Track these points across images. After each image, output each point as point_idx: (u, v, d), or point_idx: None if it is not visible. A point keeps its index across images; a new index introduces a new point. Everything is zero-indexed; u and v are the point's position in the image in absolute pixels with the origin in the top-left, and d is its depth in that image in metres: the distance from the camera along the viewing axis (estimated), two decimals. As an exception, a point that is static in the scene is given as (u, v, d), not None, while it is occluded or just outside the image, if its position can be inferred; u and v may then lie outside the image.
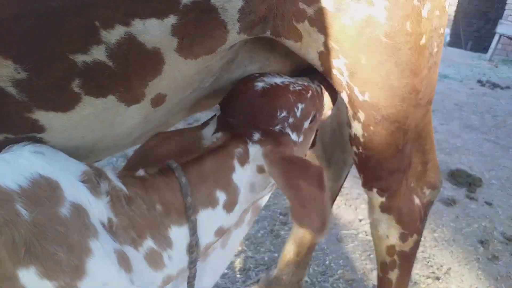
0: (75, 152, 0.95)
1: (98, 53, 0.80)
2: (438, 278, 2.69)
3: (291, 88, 1.05)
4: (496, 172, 4.48)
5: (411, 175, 1.33)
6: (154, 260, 0.83)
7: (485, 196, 3.88)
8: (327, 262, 2.77)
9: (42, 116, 0.82)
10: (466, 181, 4.13)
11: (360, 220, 3.28)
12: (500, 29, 12.24)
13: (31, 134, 0.84)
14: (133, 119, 0.96)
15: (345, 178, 2.02)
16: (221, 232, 0.96)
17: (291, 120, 1.01)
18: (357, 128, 1.19)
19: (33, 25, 0.72)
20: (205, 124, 1.07)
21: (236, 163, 0.94)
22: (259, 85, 1.02)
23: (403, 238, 1.38)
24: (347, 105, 1.18)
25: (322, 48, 1.05)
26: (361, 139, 1.19)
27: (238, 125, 0.97)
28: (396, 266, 1.44)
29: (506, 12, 13.34)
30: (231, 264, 2.66)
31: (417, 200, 1.37)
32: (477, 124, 6.37)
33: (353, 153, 1.27)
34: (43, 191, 0.64)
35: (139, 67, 0.87)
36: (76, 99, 0.83)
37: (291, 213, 0.90)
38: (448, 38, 11.01)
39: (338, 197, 3.58)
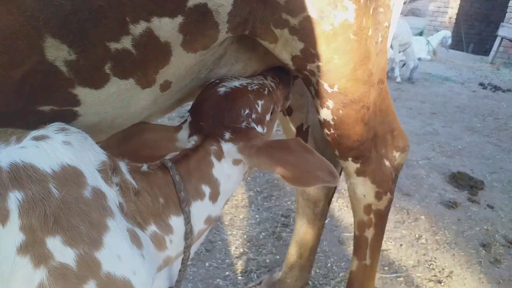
0: (97, 125, 1.13)
1: (126, 42, 0.98)
2: (440, 282, 2.69)
3: (249, 88, 1.19)
4: (498, 175, 4.47)
5: (380, 143, 1.55)
6: (158, 241, 0.95)
7: (487, 199, 3.87)
8: (329, 264, 2.77)
9: (81, 92, 1.00)
10: (468, 184, 4.13)
11: (362, 223, 3.27)
12: (502, 32, 12.25)
13: (70, 107, 1.02)
14: (145, 100, 1.15)
15: (340, 174, 2.02)
16: (210, 220, 1.09)
17: (254, 116, 1.15)
18: (326, 114, 1.35)
19: (86, 18, 0.90)
20: (179, 127, 1.19)
21: (214, 159, 1.08)
22: (221, 90, 1.16)
23: (378, 196, 1.57)
24: (314, 97, 1.34)
25: (297, 53, 1.21)
26: (331, 122, 1.36)
27: (210, 128, 1.10)
28: (372, 224, 1.61)
29: (508, 15, 13.32)
30: (233, 266, 2.66)
31: (387, 163, 1.59)
32: (478, 126, 6.36)
33: (325, 135, 1.44)
34: (70, 176, 0.75)
35: (153, 57, 1.05)
36: (106, 79, 1.01)
37: (299, 183, 1.03)
38: (449, 41, 10.98)
39: (339, 200, 3.59)
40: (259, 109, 1.17)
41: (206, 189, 1.06)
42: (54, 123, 0.87)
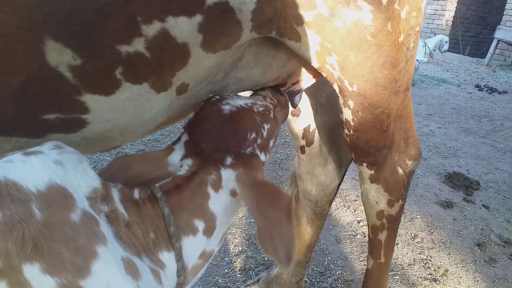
0: (108, 133, 1.05)
1: (138, 45, 0.91)
2: (435, 280, 2.72)
3: (255, 110, 1.08)
4: (494, 176, 4.52)
5: (394, 150, 1.55)
6: (156, 275, 0.88)
7: (482, 199, 3.92)
8: (326, 263, 2.80)
9: (89, 99, 0.94)
10: (463, 184, 4.17)
11: (359, 222, 3.31)
12: (498, 34, 12.33)
13: (78, 115, 0.96)
14: (159, 105, 1.08)
15: (343, 178, 2.04)
16: (205, 256, 0.99)
17: (259, 141, 1.04)
18: (347, 114, 1.36)
19: (89, 18, 0.82)
20: (170, 149, 1.06)
21: (210, 190, 0.96)
22: (226, 108, 1.03)
23: (390, 204, 1.59)
24: (339, 95, 1.34)
25: (317, 48, 1.19)
26: (352, 123, 1.37)
27: (210, 150, 0.98)
28: (385, 228, 1.66)
29: (504, 18, 13.42)
30: (231, 264, 2.69)
31: (400, 171, 1.59)
32: (474, 128, 6.42)
33: (345, 135, 1.45)
34: (57, 197, 0.69)
35: (170, 59, 0.98)
36: (117, 84, 0.95)
37: (258, 238, 0.89)
38: (446, 45, 11.03)
39: (337, 199, 3.63)
40: (265, 133, 1.06)
41: (200, 224, 0.95)
42: (52, 141, 0.82)
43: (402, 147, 1.58)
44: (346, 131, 1.42)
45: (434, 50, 10.95)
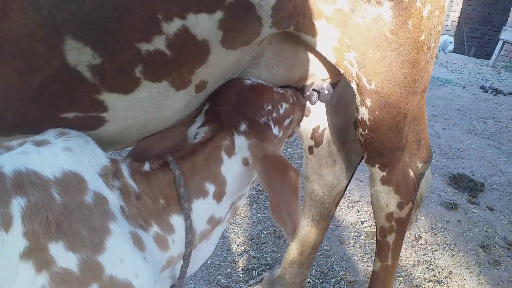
0: (126, 131, 1.06)
1: (159, 43, 0.90)
2: (439, 282, 2.71)
3: (275, 90, 1.16)
4: (498, 178, 4.49)
5: (406, 152, 1.53)
6: (161, 242, 0.95)
7: (487, 201, 3.90)
8: (329, 263, 2.79)
9: (108, 97, 0.94)
10: (468, 186, 4.15)
11: (362, 223, 3.30)
12: (504, 35, 12.25)
13: (96, 113, 0.96)
14: (178, 103, 1.07)
15: (350, 179, 2.03)
16: (213, 221, 1.05)
17: (275, 114, 1.10)
18: (364, 113, 1.34)
19: (110, 17, 0.83)
20: (191, 122, 1.14)
21: (224, 155, 1.02)
22: (248, 81, 1.12)
23: (400, 206, 1.58)
24: (356, 93, 1.32)
25: (336, 43, 1.18)
26: (367, 122, 1.35)
27: (227, 114, 1.04)
28: (394, 230, 1.65)
29: (510, 19, 13.33)
30: (234, 264, 2.68)
31: (411, 173, 1.57)
32: (479, 129, 6.38)
33: (359, 134, 1.43)
34: (72, 182, 0.76)
35: (190, 56, 0.98)
36: (137, 83, 0.94)
37: (270, 208, 0.96)
38: (451, 46, 10.98)
39: (345, 204, 3.62)
40: (281, 110, 1.13)
41: (211, 187, 1.02)
42: (53, 129, 0.87)
43: (414, 149, 1.57)
44: (361, 130, 1.41)
45: (440, 51, 10.90)
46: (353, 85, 1.30)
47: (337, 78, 1.45)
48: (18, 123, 0.93)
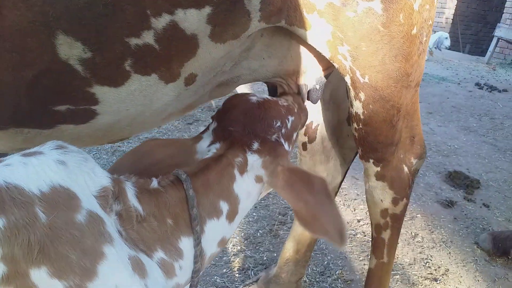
0: (117, 124, 1.08)
1: (148, 37, 0.93)
2: (436, 279, 2.70)
3: (280, 103, 1.14)
4: (494, 174, 4.50)
5: (400, 147, 1.54)
6: (166, 269, 0.86)
7: (483, 198, 3.90)
8: (326, 262, 2.78)
9: (99, 90, 0.96)
10: (464, 183, 4.15)
11: (359, 221, 3.29)
12: (498, 32, 12.29)
13: (88, 106, 0.98)
14: (168, 96, 1.10)
15: (344, 176, 2.02)
16: (223, 243, 0.99)
17: (284, 130, 1.08)
18: (358, 107, 1.35)
19: (100, 12, 0.85)
20: (199, 138, 1.10)
21: (236, 172, 0.98)
22: (253, 98, 1.10)
23: (395, 202, 1.58)
24: (350, 87, 1.33)
25: (329, 37, 1.19)
26: (361, 116, 1.36)
27: (238, 134, 1.02)
28: (389, 227, 1.64)
29: (504, 16, 13.39)
30: (230, 264, 2.67)
31: (406, 169, 1.57)
32: (475, 126, 6.39)
33: (353, 129, 1.44)
34: (61, 198, 0.68)
35: (179, 50, 1.00)
36: (127, 76, 0.97)
37: (303, 224, 0.92)
38: (446, 42, 10.97)
39: (336, 198, 3.60)
40: (289, 124, 1.11)
41: (225, 206, 0.96)
42: (53, 140, 0.79)
43: (408, 145, 1.57)
44: (355, 125, 1.41)
45: (436, 48, 10.91)
46: (347, 79, 1.31)
47: (329, 70, 1.46)
48: (12, 116, 0.94)
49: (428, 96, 8.20)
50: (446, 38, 10.75)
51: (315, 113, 1.87)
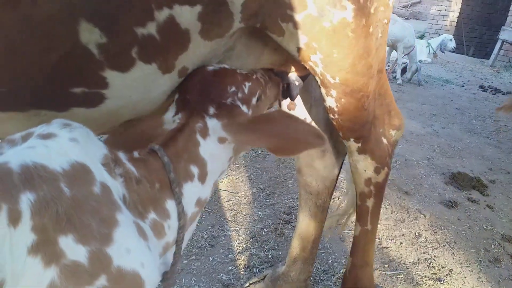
0: (121, 110, 1.16)
1: (151, 28, 1.03)
2: (439, 280, 2.72)
3: (237, 71, 1.22)
4: (498, 176, 4.51)
5: (379, 124, 1.71)
6: (157, 230, 0.95)
7: (486, 200, 3.91)
8: (330, 261, 2.80)
9: (110, 74, 1.05)
10: (467, 184, 4.17)
11: (363, 221, 3.31)
12: (503, 35, 12.29)
13: (99, 89, 1.07)
14: (164, 86, 1.19)
15: (340, 168, 2.07)
16: (200, 203, 1.10)
17: (240, 95, 1.17)
18: (331, 102, 1.49)
19: (118, 4, 0.97)
20: (166, 110, 1.19)
21: (199, 137, 1.08)
22: (210, 68, 1.20)
23: (377, 171, 1.74)
24: (320, 86, 1.45)
25: (301, 45, 1.29)
26: (335, 109, 1.50)
27: (195, 101, 1.11)
28: (372, 195, 1.80)
29: (509, 19, 13.36)
30: (235, 262, 2.69)
31: (385, 141, 1.76)
32: (479, 128, 6.40)
33: (330, 119, 1.58)
34: (79, 173, 0.76)
35: (174, 43, 1.10)
36: (133, 62, 1.06)
37: (287, 153, 1.06)
38: (451, 44, 10.94)
39: (341, 197, 3.62)
40: (246, 90, 1.19)
41: (195, 170, 1.06)
42: (55, 119, 0.85)
43: (386, 120, 1.76)
44: (331, 116, 1.55)
45: (440, 50, 10.91)
46: (317, 79, 1.42)
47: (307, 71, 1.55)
48: (33, 99, 1.02)
49: (432, 98, 8.21)
50: (451, 40, 10.73)
51: (309, 110, 1.93)
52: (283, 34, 1.27)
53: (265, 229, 3.06)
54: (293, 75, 1.58)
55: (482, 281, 2.75)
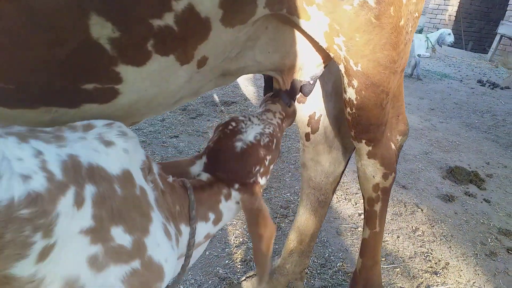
0: (135, 105, 1.14)
1: (169, 19, 1.00)
2: (436, 273, 2.73)
3: (262, 144, 1.31)
4: (495, 170, 4.52)
5: (387, 127, 1.68)
6: (176, 239, 1.07)
7: (483, 194, 3.92)
8: (327, 254, 2.80)
9: (123, 69, 1.02)
10: (465, 178, 4.17)
11: (360, 214, 3.31)
12: (501, 30, 12.26)
13: (112, 85, 1.05)
14: (182, 77, 1.17)
15: (346, 164, 2.06)
16: (208, 236, 1.26)
17: (261, 170, 1.30)
18: (351, 93, 1.46)
19: None
20: (192, 162, 1.33)
21: (222, 198, 1.24)
22: (238, 145, 1.29)
23: (385, 176, 1.74)
24: (344, 75, 1.44)
25: (326, 29, 1.28)
26: (355, 102, 1.47)
27: (223, 178, 1.26)
28: (380, 199, 1.81)
29: (507, 13, 13.33)
30: (232, 255, 2.69)
31: (393, 146, 1.75)
32: (476, 123, 6.40)
33: (346, 113, 1.55)
34: (127, 178, 0.90)
35: (194, 32, 1.07)
36: (148, 56, 1.03)
37: (254, 253, 1.18)
38: (450, 38, 10.91)
39: (338, 192, 3.62)
40: (267, 163, 1.32)
41: (212, 216, 1.22)
42: (116, 123, 0.98)
43: (393, 124, 1.75)
44: (348, 109, 1.52)
45: (439, 45, 10.89)
46: (341, 67, 1.42)
47: (325, 63, 1.54)
48: (43, 95, 0.99)
49: (431, 93, 8.21)
50: (449, 34, 10.67)
51: (318, 104, 1.90)
52: (309, 18, 1.25)
53: (262, 223, 3.06)
54: (309, 74, 1.57)
55: (478, 274, 2.76)
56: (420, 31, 15.18)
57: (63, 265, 0.75)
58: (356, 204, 3.49)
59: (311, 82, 1.57)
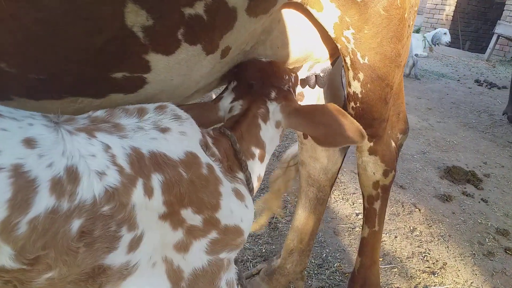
0: (159, 95, 1.14)
1: (199, 8, 1.00)
2: (433, 273, 2.72)
3: (284, 64, 1.33)
4: (492, 170, 4.51)
5: (388, 124, 1.67)
6: (240, 195, 1.11)
7: (481, 193, 3.91)
8: (324, 255, 2.79)
9: (153, 58, 1.02)
10: (462, 178, 4.16)
11: (357, 215, 3.30)
12: (499, 29, 12.25)
13: (140, 74, 1.04)
14: (206, 67, 1.18)
15: (343, 161, 2.07)
16: (260, 179, 1.26)
17: (291, 83, 1.30)
18: (356, 87, 1.46)
19: None
20: (219, 98, 1.28)
21: (261, 122, 1.21)
22: (263, 59, 1.29)
23: (385, 174, 1.74)
24: (349, 68, 1.44)
25: (336, 20, 1.30)
26: (359, 95, 1.47)
27: (259, 87, 1.22)
28: (379, 197, 1.80)
29: (505, 13, 13.36)
30: (228, 255, 2.67)
31: (393, 143, 1.75)
32: (474, 122, 6.40)
33: (350, 108, 1.55)
34: (191, 160, 0.93)
35: (221, 22, 1.08)
36: (178, 44, 1.04)
37: (327, 145, 1.21)
38: (446, 38, 10.91)
39: (335, 191, 3.61)
40: (293, 79, 1.32)
41: (256, 151, 1.20)
42: (168, 106, 0.99)
43: (394, 122, 1.74)
44: (352, 103, 1.52)
45: (433, 43, 10.89)
46: (348, 60, 1.41)
47: (333, 57, 1.55)
48: (72, 85, 0.99)
49: (428, 92, 8.20)
50: (445, 33, 10.66)
51: (314, 102, 1.92)
52: (321, 9, 1.27)
53: (259, 223, 3.04)
54: (319, 66, 1.58)
55: (476, 274, 2.75)
56: (417, 31, 15.19)
57: (156, 249, 0.84)
58: (353, 204, 3.48)
59: (322, 75, 1.58)
